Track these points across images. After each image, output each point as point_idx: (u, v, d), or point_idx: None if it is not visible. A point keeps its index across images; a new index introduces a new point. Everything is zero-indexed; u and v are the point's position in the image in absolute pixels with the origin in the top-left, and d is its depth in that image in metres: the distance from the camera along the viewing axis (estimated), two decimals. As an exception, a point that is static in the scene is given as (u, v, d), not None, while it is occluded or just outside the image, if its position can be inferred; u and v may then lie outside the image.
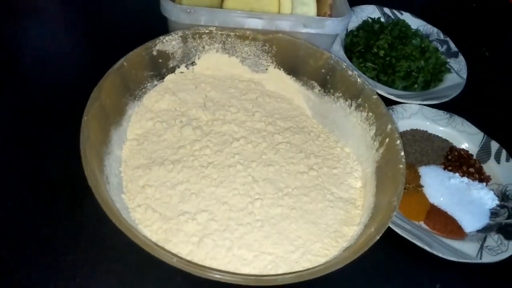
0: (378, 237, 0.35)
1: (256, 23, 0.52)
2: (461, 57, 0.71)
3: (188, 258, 0.36)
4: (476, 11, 0.92)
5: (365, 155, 0.47)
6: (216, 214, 0.40)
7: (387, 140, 0.44)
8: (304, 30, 0.54)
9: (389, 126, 0.44)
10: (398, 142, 0.43)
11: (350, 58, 0.66)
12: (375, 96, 0.47)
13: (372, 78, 0.64)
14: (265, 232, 0.39)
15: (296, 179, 0.44)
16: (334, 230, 0.40)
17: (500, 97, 0.71)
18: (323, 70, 0.51)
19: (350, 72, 0.49)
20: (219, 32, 0.50)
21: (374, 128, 0.46)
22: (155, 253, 0.31)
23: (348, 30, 0.71)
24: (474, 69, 0.70)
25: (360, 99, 0.48)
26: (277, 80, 0.54)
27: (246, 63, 0.54)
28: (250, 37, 0.51)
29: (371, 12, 0.75)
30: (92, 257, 0.40)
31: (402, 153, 0.42)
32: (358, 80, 0.48)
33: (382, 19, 0.73)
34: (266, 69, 0.54)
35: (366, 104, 0.47)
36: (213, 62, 0.53)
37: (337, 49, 0.65)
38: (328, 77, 0.51)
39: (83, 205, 0.44)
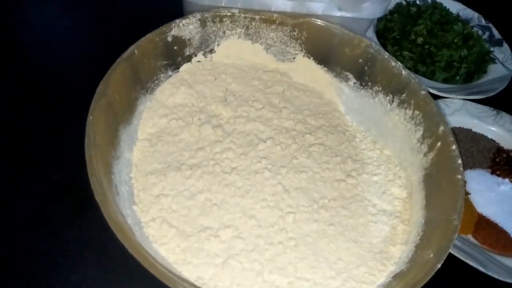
0: (439, 266, 0.29)
1: (284, 5, 0.45)
2: (505, 46, 0.64)
3: (211, 283, 0.31)
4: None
5: (410, 160, 0.41)
6: (242, 230, 0.34)
7: (439, 144, 0.38)
8: (338, 14, 0.47)
9: (441, 128, 0.38)
10: (454, 147, 0.36)
11: (383, 46, 0.60)
12: (423, 92, 0.40)
13: (409, 69, 0.57)
14: (300, 253, 0.33)
15: (332, 188, 0.39)
16: (379, 251, 0.35)
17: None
18: (361, 60, 0.44)
19: (393, 63, 0.42)
20: (243, 15, 0.44)
21: (421, 129, 0.40)
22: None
23: (380, 14, 0.64)
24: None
25: (404, 95, 0.42)
26: (306, 71, 0.48)
27: (271, 51, 0.47)
28: (277, 21, 0.45)
29: (405, -7, 0.68)
30: (100, 275, 0.36)
31: (460, 161, 0.36)
32: (403, 72, 0.42)
33: (418, 2, 0.66)
34: (294, 58, 0.48)
35: (412, 101, 0.41)
36: (234, 50, 0.47)
37: (370, 35, 0.58)
38: (366, 68, 0.44)
39: (88, 213, 0.38)
